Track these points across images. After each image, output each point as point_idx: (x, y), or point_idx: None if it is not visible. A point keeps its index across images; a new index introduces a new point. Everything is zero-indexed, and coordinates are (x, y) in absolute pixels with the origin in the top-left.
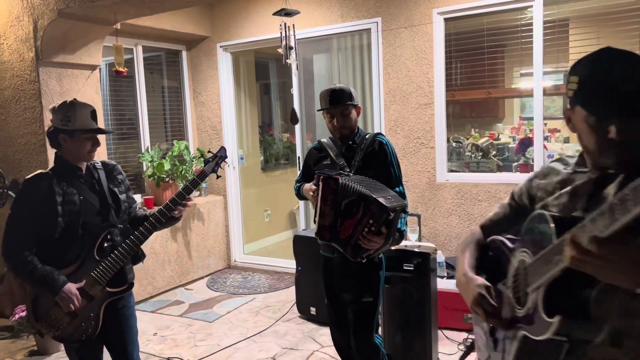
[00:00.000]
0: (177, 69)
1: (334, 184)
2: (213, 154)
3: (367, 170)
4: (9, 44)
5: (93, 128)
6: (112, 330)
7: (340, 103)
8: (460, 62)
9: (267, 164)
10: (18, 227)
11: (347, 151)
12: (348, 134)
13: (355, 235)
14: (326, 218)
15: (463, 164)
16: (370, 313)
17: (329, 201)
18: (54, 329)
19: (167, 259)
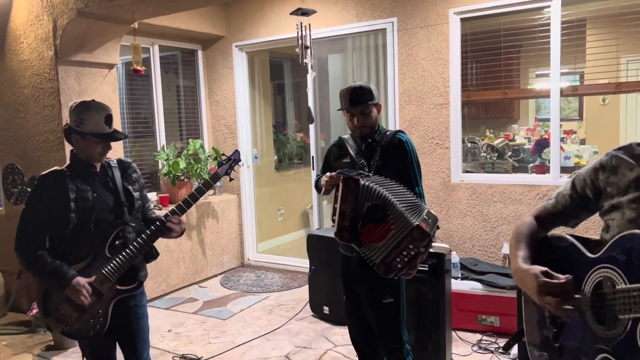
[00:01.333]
0: (192, 68)
1: (354, 185)
2: (227, 157)
3: (386, 169)
4: (29, 43)
5: (103, 133)
6: (124, 329)
7: (360, 103)
8: (476, 62)
9: (281, 163)
10: (31, 222)
11: (367, 149)
12: (368, 132)
13: (392, 257)
14: (346, 219)
15: (478, 164)
16: (392, 313)
17: (349, 202)
18: (62, 324)
19: (181, 257)
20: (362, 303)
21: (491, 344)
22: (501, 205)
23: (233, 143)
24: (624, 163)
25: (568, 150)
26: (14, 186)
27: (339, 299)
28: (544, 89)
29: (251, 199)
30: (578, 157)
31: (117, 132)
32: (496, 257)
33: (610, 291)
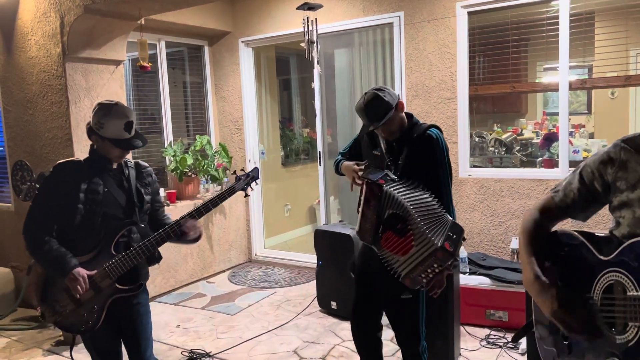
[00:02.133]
0: (199, 64)
1: (377, 191)
2: (245, 173)
3: (414, 167)
4: (37, 40)
5: (121, 139)
6: (127, 326)
7: (378, 120)
8: (484, 56)
9: (288, 159)
10: (40, 208)
11: (398, 144)
12: (398, 135)
13: (417, 273)
14: (368, 221)
15: (486, 159)
16: (411, 309)
17: (372, 206)
18: (56, 314)
19: (189, 253)
20: (374, 294)
21: (499, 339)
22: (509, 200)
23: (240, 139)
24: (634, 157)
25: (577, 145)
26: (23, 182)
27: (346, 294)
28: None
29: (258, 195)
30: (587, 151)
31: (135, 138)
32: (504, 252)
33: (620, 296)
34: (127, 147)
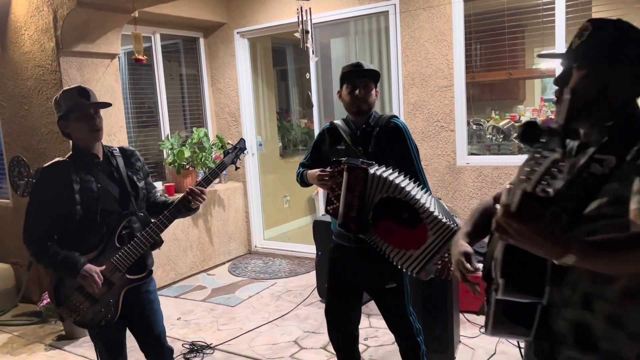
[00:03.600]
0: (194, 57)
1: (363, 175)
2: (232, 146)
3: (384, 156)
4: (30, 35)
5: (80, 104)
6: (137, 315)
7: (365, 74)
8: (480, 43)
9: (286, 150)
10: (37, 214)
11: (362, 135)
12: (366, 110)
13: (432, 262)
14: (352, 209)
15: (484, 146)
16: (397, 297)
17: (357, 192)
18: (74, 313)
19: (189, 245)
20: (352, 295)
21: None
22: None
23: (237, 131)
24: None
25: None
26: (20, 178)
27: None
28: (549, 69)
29: (257, 187)
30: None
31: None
32: None
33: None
34: (87, 108)
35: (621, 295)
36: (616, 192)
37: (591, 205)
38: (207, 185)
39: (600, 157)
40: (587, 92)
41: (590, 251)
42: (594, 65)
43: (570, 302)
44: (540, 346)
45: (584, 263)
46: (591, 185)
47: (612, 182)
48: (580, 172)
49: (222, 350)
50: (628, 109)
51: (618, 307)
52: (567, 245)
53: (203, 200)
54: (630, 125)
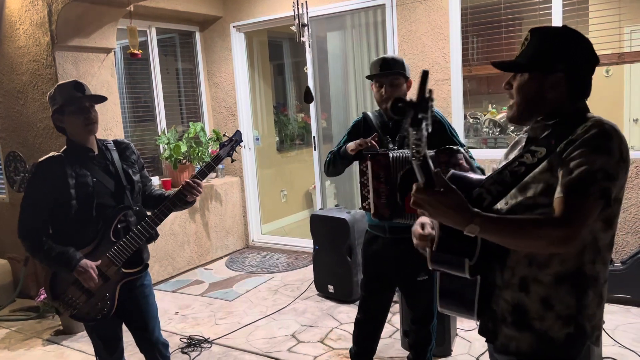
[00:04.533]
0: (190, 51)
1: (384, 160)
2: (229, 138)
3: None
4: (25, 29)
5: (74, 98)
6: (132, 309)
7: (392, 71)
8: (477, 36)
9: (283, 144)
10: (32, 210)
11: (394, 126)
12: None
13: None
14: (382, 196)
15: (480, 140)
16: (427, 289)
17: (383, 178)
18: (71, 307)
19: (186, 240)
20: (386, 283)
21: None
22: None
23: (234, 125)
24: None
25: None
26: (17, 173)
27: (343, 278)
28: None
29: (254, 181)
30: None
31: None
32: None
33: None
34: (81, 102)
35: (553, 279)
36: (548, 181)
37: (527, 193)
38: (203, 178)
39: (535, 148)
40: (528, 94)
41: (491, 225)
42: (531, 72)
43: (509, 284)
44: (485, 325)
45: (485, 235)
46: (518, 173)
47: (544, 172)
48: (513, 161)
49: (220, 345)
50: (571, 108)
51: (550, 290)
52: (471, 217)
53: (199, 193)
54: (570, 122)
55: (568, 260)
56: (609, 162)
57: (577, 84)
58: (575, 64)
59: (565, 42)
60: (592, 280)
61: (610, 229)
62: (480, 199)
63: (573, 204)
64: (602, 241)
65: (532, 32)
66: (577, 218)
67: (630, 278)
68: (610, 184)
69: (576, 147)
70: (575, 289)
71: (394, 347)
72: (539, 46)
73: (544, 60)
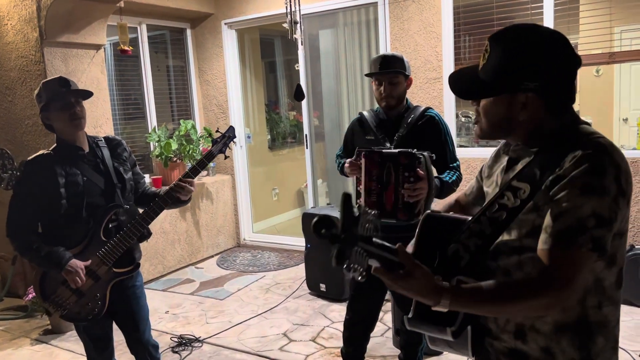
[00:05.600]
0: (181, 48)
1: (377, 158)
2: (221, 134)
3: (415, 146)
4: (13, 25)
5: (60, 93)
6: (123, 309)
7: (390, 69)
8: (469, 35)
9: (274, 142)
10: (21, 208)
11: (393, 125)
12: (394, 104)
13: (399, 197)
14: (372, 194)
15: (472, 139)
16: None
17: (375, 176)
18: (61, 308)
19: (176, 238)
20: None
21: None
22: None
23: (225, 123)
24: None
25: None
26: (4, 171)
27: (335, 277)
28: None
29: (245, 179)
30: None
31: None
32: None
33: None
34: (66, 98)
35: (553, 327)
36: (534, 222)
37: (512, 234)
38: (195, 175)
39: (517, 184)
40: (494, 118)
41: (463, 299)
42: (495, 95)
43: (504, 331)
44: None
45: (459, 309)
46: (498, 221)
47: (529, 213)
48: (491, 204)
49: (211, 344)
50: (554, 124)
51: (550, 340)
52: (439, 294)
53: (191, 191)
54: (557, 146)
55: (569, 308)
56: (602, 205)
57: (555, 97)
58: (549, 77)
59: (533, 52)
60: (601, 327)
61: (615, 265)
62: (456, 257)
63: (559, 260)
64: (608, 281)
65: (491, 41)
66: (565, 277)
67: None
68: (604, 231)
69: (563, 186)
70: (579, 339)
71: (386, 346)
72: (501, 61)
73: (508, 79)
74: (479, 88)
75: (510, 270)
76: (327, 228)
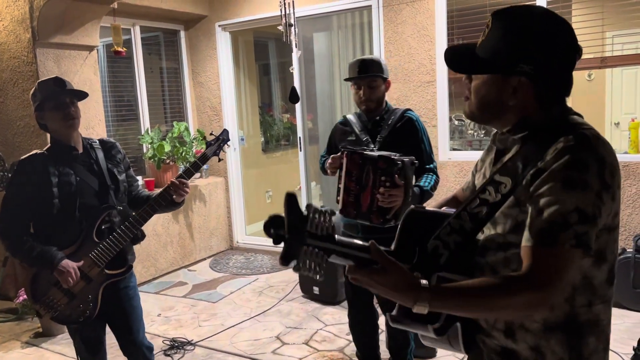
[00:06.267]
0: (175, 50)
1: (359, 159)
2: (215, 137)
3: (395, 147)
4: (5, 25)
5: (54, 92)
6: (116, 311)
7: (369, 73)
8: (463, 39)
9: (268, 145)
10: (14, 208)
11: (374, 127)
12: (374, 107)
13: (375, 200)
14: (351, 194)
15: (465, 142)
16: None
17: (354, 176)
18: (52, 309)
19: (169, 241)
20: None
21: None
22: None
23: (218, 125)
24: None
25: None
26: None
27: (328, 279)
28: None
29: (238, 182)
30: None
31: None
32: None
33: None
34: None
35: (542, 327)
36: (517, 218)
37: (497, 229)
38: (189, 177)
39: (499, 178)
40: (484, 99)
41: (443, 298)
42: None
43: (495, 328)
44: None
45: (439, 309)
46: (479, 216)
47: (512, 207)
48: (472, 199)
49: (203, 347)
50: (543, 116)
51: (539, 339)
52: (416, 294)
53: (185, 193)
54: (542, 137)
55: (557, 307)
56: (584, 200)
57: (548, 86)
58: (545, 62)
59: (533, 33)
60: (592, 326)
61: (605, 261)
62: (435, 254)
63: (542, 257)
64: (597, 279)
65: (494, 16)
66: (548, 275)
67: None
68: (587, 227)
69: (544, 180)
70: (569, 339)
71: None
72: (499, 39)
73: (504, 58)
74: (474, 63)
75: (497, 267)
76: (275, 228)
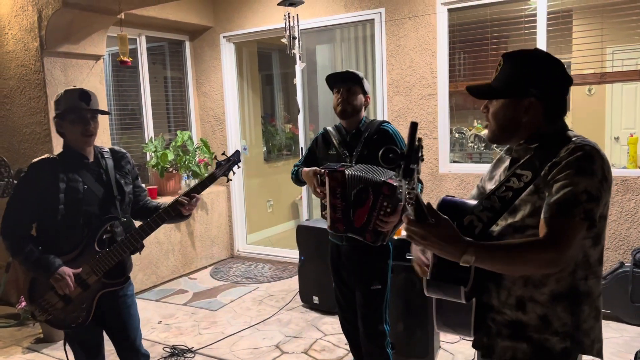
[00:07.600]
0: (180, 60)
1: (341, 177)
2: (227, 157)
3: (372, 160)
4: (14, 34)
5: (77, 107)
6: (114, 319)
7: (348, 79)
8: (464, 52)
9: (270, 154)
10: (18, 209)
11: (352, 140)
12: (350, 112)
13: (373, 221)
14: (337, 210)
15: (466, 154)
16: (378, 300)
17: (339, 194)
18: (46, 312)
19: (170, 249)
20: (350, 290)
21: None
22: None
23: (222, 134)
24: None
25: None
26: (1, 179)
27: (328, 289)
28: None
29: (240, 191)
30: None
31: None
32: None
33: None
34: (84, 113)
35: (549, 297)
36: (535, 204)
37: (516, 216)
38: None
39: (520, 172)
40: (503, 120)
41: (484, 253)
42: (505, 98)
43: (506, 305)
44: (480, 340)
45: (479, 263)
46: (506, 199)
47: (531, 195)
48: (500, 186)
49: (203, 355)
50: (549, 129)
51: (547, 308)
52: (464, 247)
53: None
54: (552, 144)
55: (562, 279)
56: (592, 184)
57: (551, 105)
58: (548, 87)
59: (537, 66)
60: (587, 296)
61: (599, 244)
62: (471, 226)
63: (557, 226)
64: (593, 257)
65: (504, 57)
66: (562, 239)
67: (610, 294)
68: (593, 205)
69: (560, 169)
70: (571, 306)
71: None
72: (511, 72)
73: (516, 85)
74: (493, 91)
75: None
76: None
